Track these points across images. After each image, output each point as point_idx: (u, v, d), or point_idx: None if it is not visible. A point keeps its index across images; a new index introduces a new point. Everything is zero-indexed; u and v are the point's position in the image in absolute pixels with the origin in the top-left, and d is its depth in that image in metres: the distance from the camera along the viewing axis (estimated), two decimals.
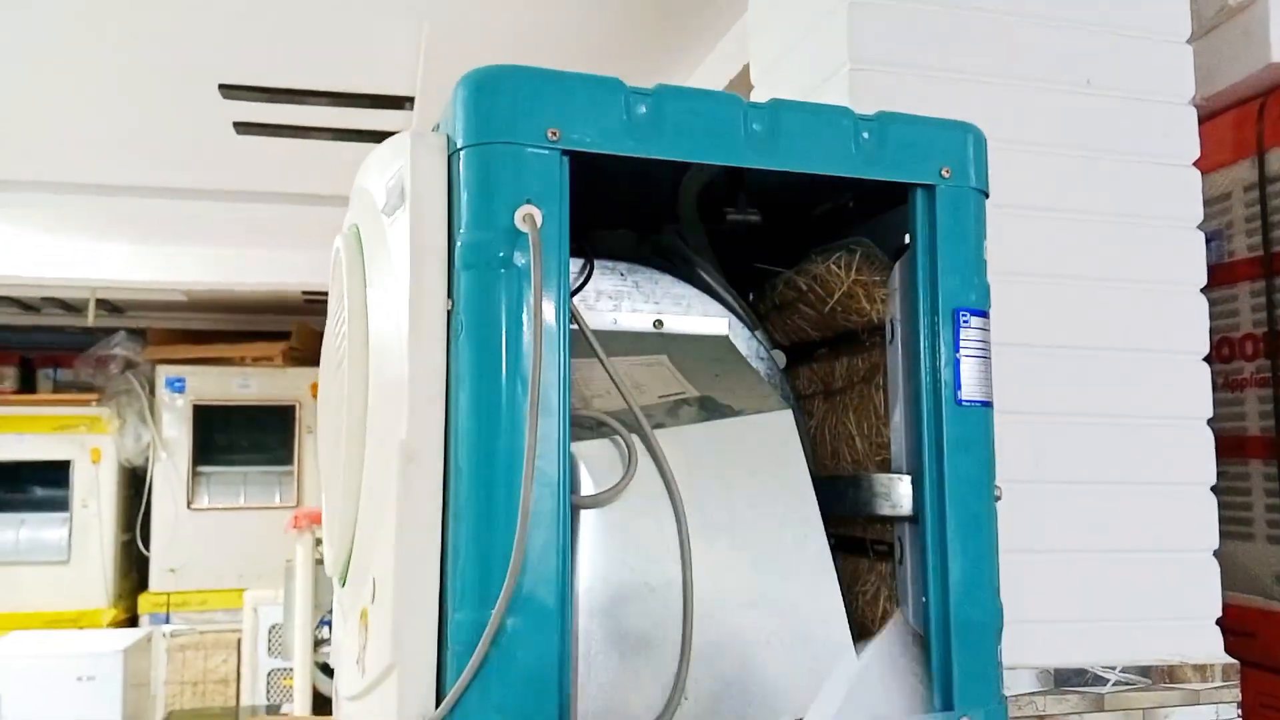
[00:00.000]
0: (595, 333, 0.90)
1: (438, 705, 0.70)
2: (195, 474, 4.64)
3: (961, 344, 0.82)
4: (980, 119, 0.90)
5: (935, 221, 0.84)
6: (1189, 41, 1.34)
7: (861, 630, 0.92)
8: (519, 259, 0.72)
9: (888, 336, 0.90)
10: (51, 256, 4.13)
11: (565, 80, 0.75)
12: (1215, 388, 1.43)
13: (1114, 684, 1.20)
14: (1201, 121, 1.37)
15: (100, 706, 3.48)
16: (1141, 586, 1.25)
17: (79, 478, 4.45)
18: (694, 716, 0.74)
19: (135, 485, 4.68)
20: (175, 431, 4.63)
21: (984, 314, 0.84)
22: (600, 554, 0.76)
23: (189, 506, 4.59)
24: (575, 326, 0.81)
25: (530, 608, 0.70)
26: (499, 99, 0.73)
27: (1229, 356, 1.46)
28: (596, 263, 0.93)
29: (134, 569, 4.66)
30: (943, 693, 0.80)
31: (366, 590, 0.78)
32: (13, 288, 4.47)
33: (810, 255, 0.98)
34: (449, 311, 0.74)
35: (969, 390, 0.82)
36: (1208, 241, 1.40)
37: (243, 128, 2.84)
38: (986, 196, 0.87)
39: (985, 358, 0.84)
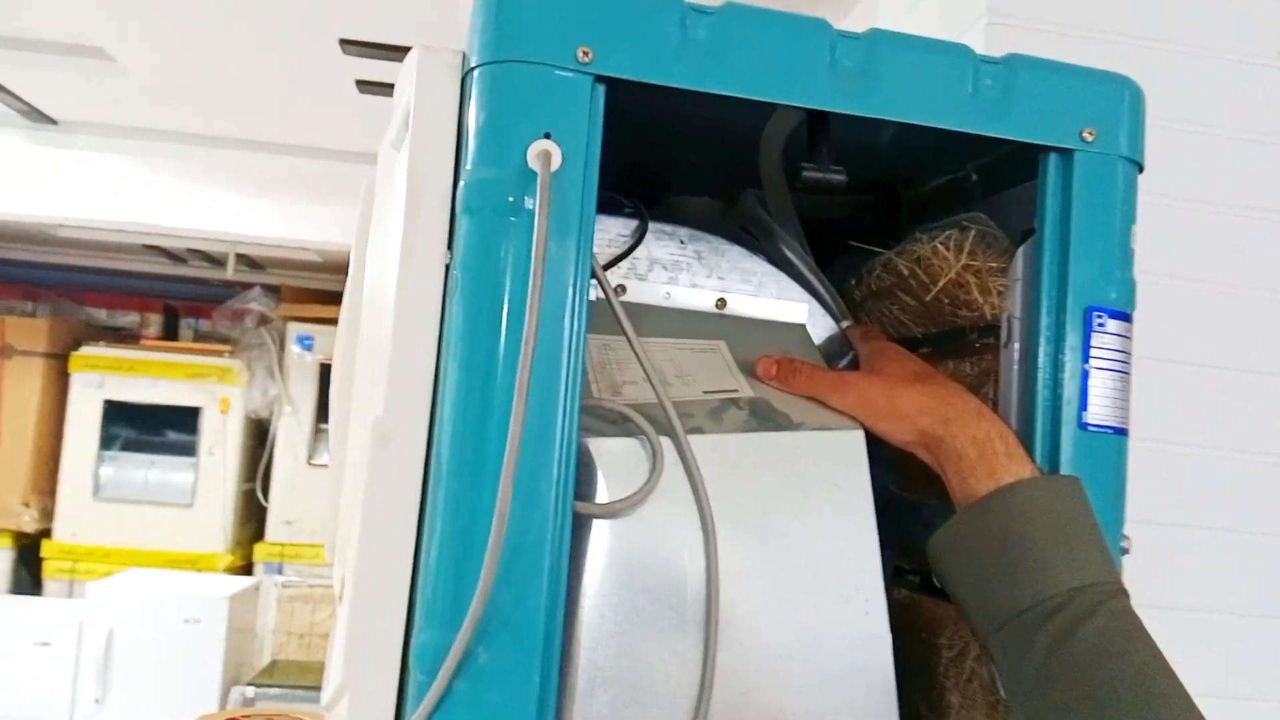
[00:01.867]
0: (642, 307, 0.76)
1: None
2: (318, 430, 4.71)
3: (1093, 352, 0.65)
4: (1152, 92, 0.71)
5: (1070, 196, 0.66)
6: None
7: (939, 691, 0.76)
8: (531, 205, 0.58)
9: (1003, 337, 0.73)
10: (196, 209, 4.24)
11: None
12: None
13: None
14: None
15: (204, 649, 3.55)
16: None
17: (207, 425, 4.58)
18: None
19: (259, 437, 4.80)
20: (301, 387, 4.72)
21: (1126, 317, 0.66)
22: (610, 577, 0.62)
23: (309, 462, 4.67)
24: (601, 295, 0.67)
25: (507, 636, 0.57)
26: (521, 8, 0.60)
27: None
28: (653, 226, 0.78)
29: (253, 518, 4.78)
30: None
31: (337, 581, 0.67)
32: (160, 237, 4.63)
33: (915, 234, 0.81)
34: (447, 266, 0.61)
35: (1098, 412, 0.64)
36: None
37: (365, 86, 2.81)
38: (1140, 169, 0.69)
39: (1123, 372, 0.66)
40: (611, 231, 0.77)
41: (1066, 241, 0.66)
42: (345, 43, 2.50)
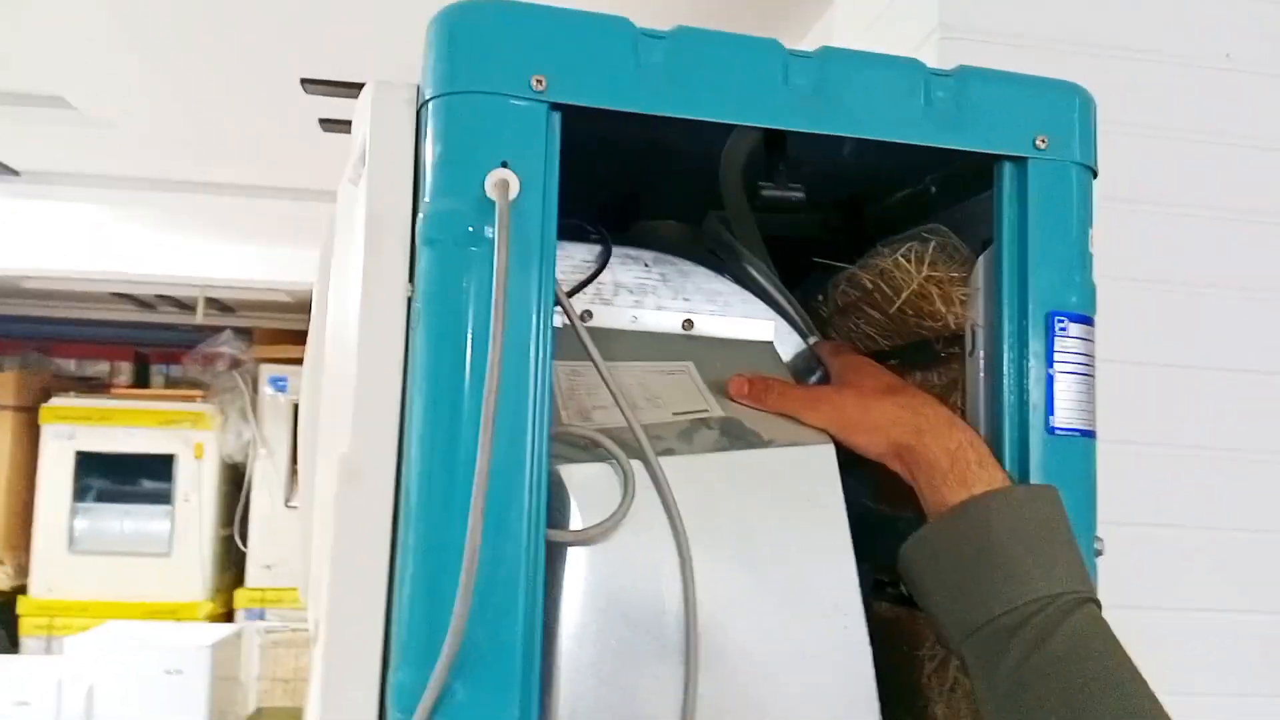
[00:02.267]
0: (609, 332, 0.76)
1: None
2: (294, 472, 4.66)
3: (1056, 357, 0.65)
4: (1104, 98, 0.72)
5: (1026, 203, 0.67)
6: None
7: (925, 703, 0.76)
8: (491, 233, 0.58)
9: (968, 346, 0.73)
10: (163, 254, 4.22)
11: (557, 18, 0.61)
12: None
13: None
14: None
15: (187, 700, 3.50)
16: None
17: (182, 472, 4.53)
18: None
19: (235, 481, 4.75)
20: (276, 429, 4.67)
21: (1087, 320, 0.67)
22: (586, 603, 0.61)
23: (287, 504, 4.62)
24: (567, 321, 0.67)
25: (484, 672, 0.56)
26: (474, 39, 0.60)
27: None
28: (617, 250, 0.78)
29: (232, 564, 4.72)
30: None
31: (311, 623, 0.66)
32: (128, 284, 4.60)
33: (877, 248, 0.82)
34: (409, 299, 0.61)
35: (1064, 415, 0.65)
36: None
37: (328, 124, 2.80)
38: (1094, 174, 0.70)
39: (1088, 375, 0.66)
40: (576, 258, 0.77)
41: (1025, 248, 0.67)
42: (306, 82, 2.50)
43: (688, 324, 0.79)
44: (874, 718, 0.64)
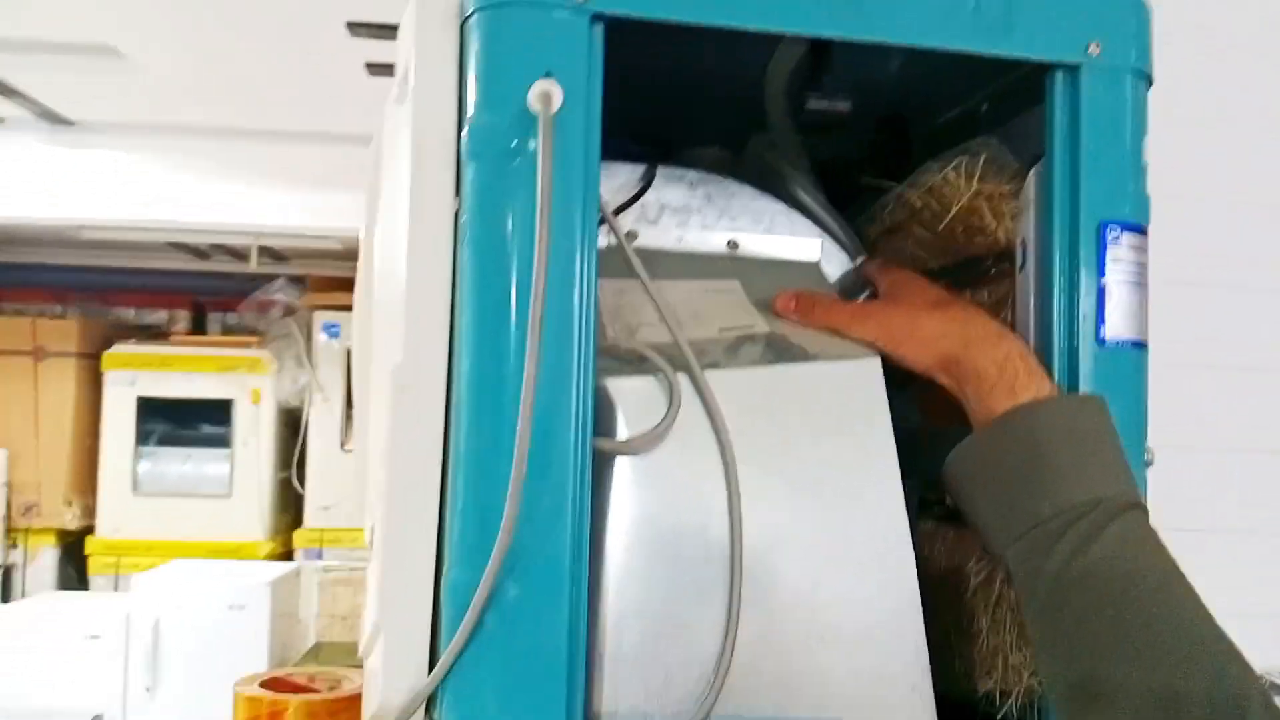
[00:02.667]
0: (654, 252, 0.76)
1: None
2: (349, 416, 4.75)
3: (1108, 267, 0.64)
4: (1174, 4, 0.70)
5: (1079, 112, 0.66)
6: None
7: (970, 618, 0.76)
8: (534, 147, 0.59)
9: (1018, 261, 0.72)
10: (216, 203, 4.27)
11: None
12: None
13: None
14: None
15: (250, 634, 3.61)
16: None
17: (240, 417, 4.64)
18: (734, 708, 0.61)
19: (292, 426, 4.85)
20: (330, 375, 4.76)
21: (1140, 230, 0.66)
22: (634, 513, 0.63)
23: (342, 447, 4.72)
24: (613, 241, 0.67)
25: (533, 571, 0.57)
26: None
27: None
28: (661, 169, 0.78)
29: (290, 505, 4.85)
30: None
31: (367, 533, 0.68)
32: (182, 234, 4.67)
33: (926, 165, 0.81)
34: (456, 214, 0.62)
35: (1116, 326, 0.64)
36: None
37: (375, 69, 2.81)
38: (1150, 83, 0.68)
39: (1140, 285, 0.65)
40: (620, 178, 0.77)
41: (1076, 159, 0.66)
42: (352, 25, 2.50)
43: (733, 244, 0.79)
44: (917, 624, 0.65)
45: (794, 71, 0.75)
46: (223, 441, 4.62)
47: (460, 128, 0.62)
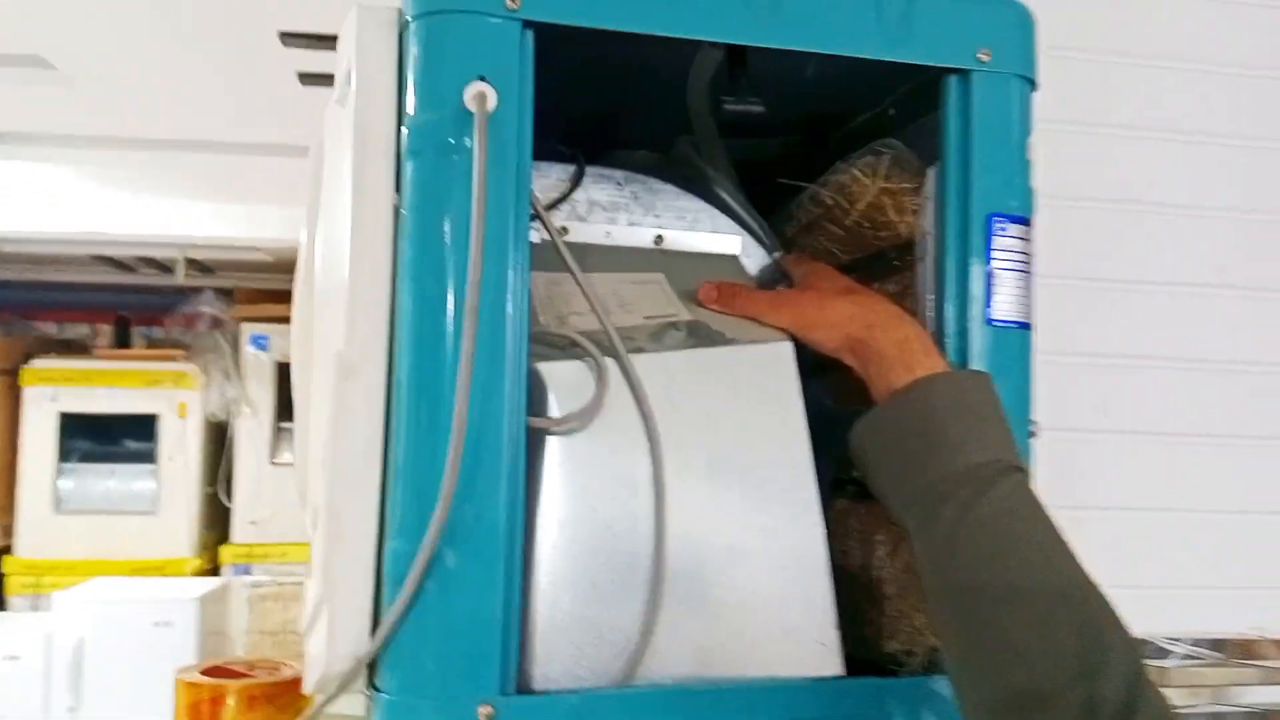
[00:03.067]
0: (584, 246, 0.80)
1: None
2: (278, 429, 4.70)
3: (994, 255, 0.71)
4: (1069, 19, 0.77)
5: (970, 113, 0.72)
6: None
7: (878, 583, 0.82)
8: (470, 144, 0.63)
9: (919, 252, 0.78)
10: (142, 215, 4.21)
11: None
12: None
13: (1181, 657, 1.07)
14: None
15: (177, 652, 3.54)
16: (1219, 551, 1.11)
17: (166, 431, 4.56)
18: (656, 668, 0.65)
19: (219, 440, 4.78)
20: (259, 388, 4.71)
21: (1024, 221, 0.72)
22: (565, 489, 0.67)
23: (271, 461, 4.66)
24: (545, 236, 0.72)
25: (472, 541, 0.61)
26: None
27: None
28: (591, 170, 0.83)
29: (218, 521, 4.77)
30: None
31: (310, 518, 0.71)
32: (107, 246, 4.59)
33: (837, 165, 0.87)
34: (396, 208, 0.65)
35: (1002, 308, 0.70)
36: None
37: (307, 79, 2.81)
38: (1034, 87, 0.75)
39: (1024, 272, 0.72)
40: (552, 177, 0.81)
41: (968, 156, 0.72)
42: (285, 35, 2.51)
43: (658, 239, 0.84)
44: (826, 588, 0.70)
45: (714, 76, 0.81)
46: (148, 457, 4.53)
47: (400, 126, 0.65)
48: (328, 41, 2.55)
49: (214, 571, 4.55)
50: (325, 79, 2.80)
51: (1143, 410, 1.09)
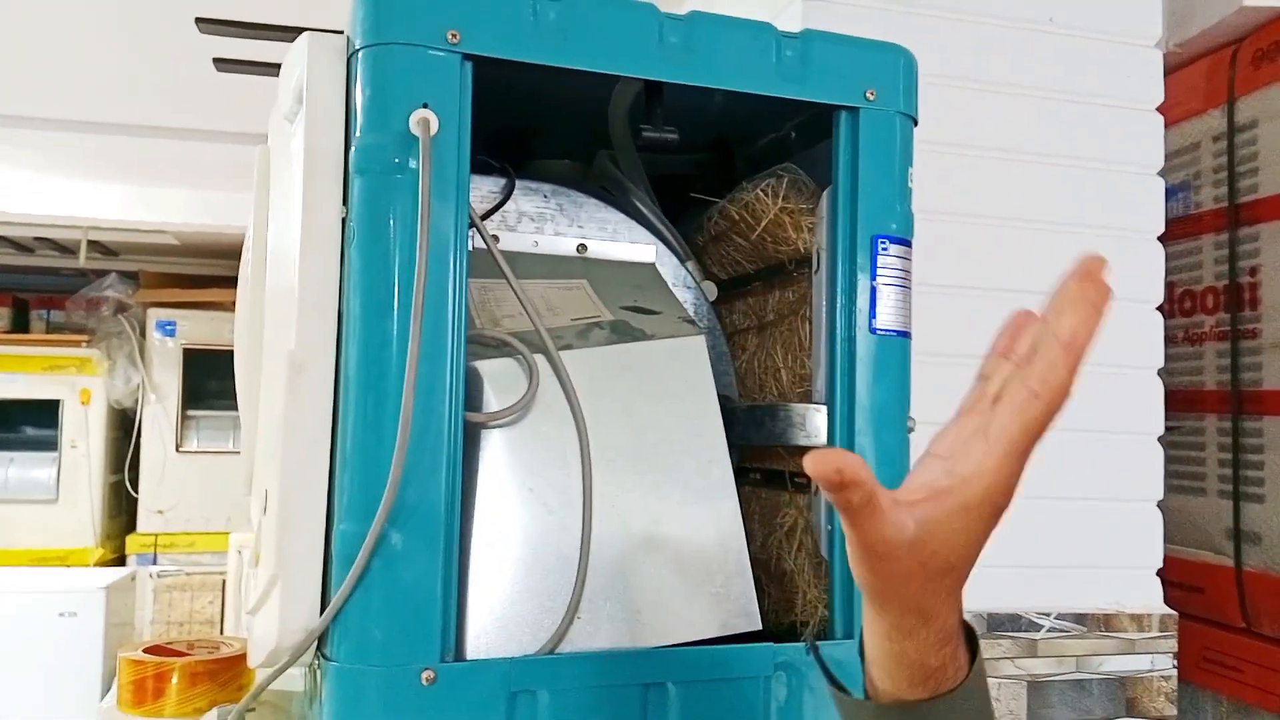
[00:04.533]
0: (513, 254, 0.88)
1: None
2: (185, 417, 4.63)
3: (879, 271, 0.80)
4: (936, 53, 0.87)
5: (858, 145, 0.82)
6: None
7: (777, 561, 0.91)
8: (414, 165, 0.70)
9: (813, 266, 0.88)
10: (43, 195, 4.10)
11: None
12: (1176, 341, 1.41)
13: (1048, 630, 1.19)
14: (1175, 69, 1.34)
15: (82, 643, 3.50)
16: (1082, 534, 1.23)
17: (68, 418, 4.46)
18: (584, 636, 0.73)
19: (124, 427, 4.69)
20: (165, 374, 4.62)
21: (905, 242, 0.82)
22: (499, 475, 0.74)
23: (178, 449, 4.59)
24: (483, 245, 0.79)
25: (415, 522, 0.68)
26: None
27: (1191, 310, 1.43)
28: (520, 183, 0.90)
29: (122, 510, 4.68)
30: (845, 620, 0.79)
31: (260, 502, 0.77)
32: (5, 225, 4.45)
33: (742, 185, 0.96)
34: (344, 220, 0.72)
35: (884, 319, 0.80)
36: (1175, 193, 1.37)
37: (223, 64, 2.80)
38: (915, 123, 0.85)
39: (904, 287, 0.82)
40: (484, 189, 0.89)
41: (856, 183, 0.81)
42: (201, 21, 2.50)
43: (582, 248, 0.92)
44: (743, 553, 0.79)
45: (633, 104, 0.89)
46: (49, 444, 4.43)
47: (347, 146, 0.72)
48: (244, 28, 2.55)
49: (120, 561, 4.47)
50: (241, 64, 2.79)
51: None
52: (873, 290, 0.80)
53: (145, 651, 0.93)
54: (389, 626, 0.68)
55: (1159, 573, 1.26)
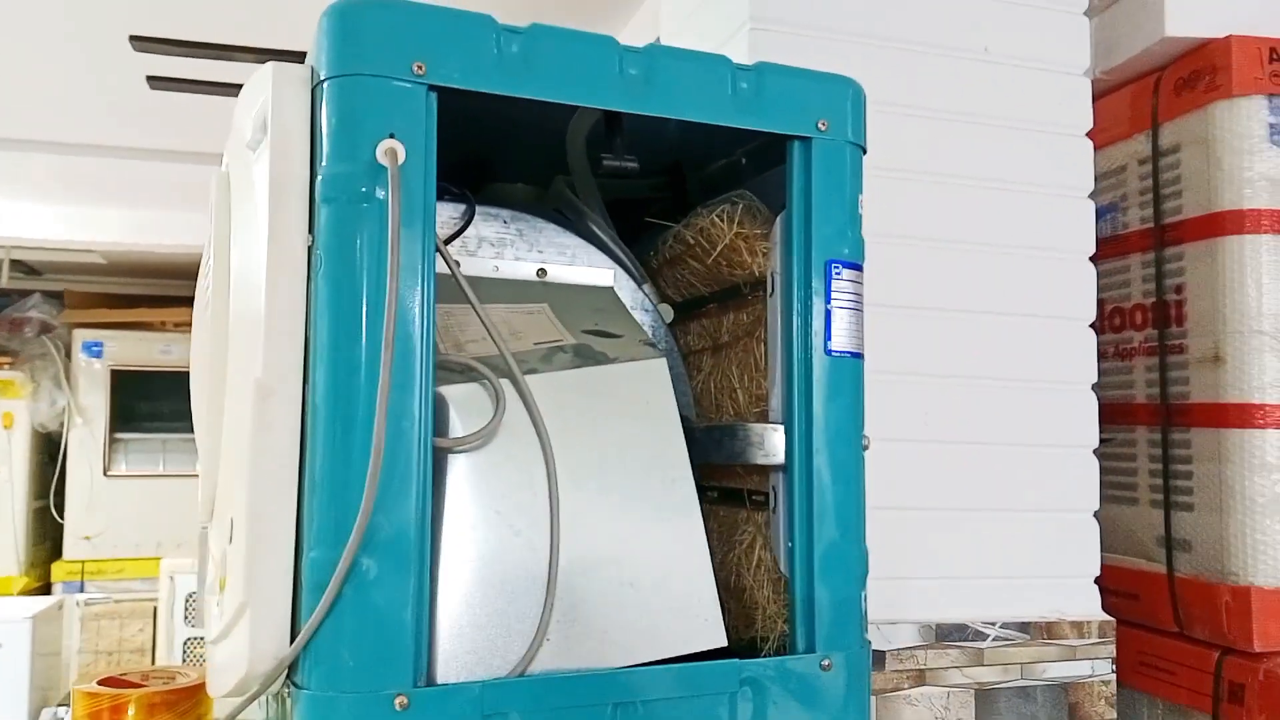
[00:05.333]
0: (475, 279, 0.89)
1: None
2: (113, 440, 4.52)
3: (833, 295, 0.83)
4: (877, 82, 0.90)
5: (811, 174, 0.84)
6: (1089, 15, 1.36)
7: (736, 578, 0.93)
8: (380, 194, 0.70)
9: (768, 289, 0.90)
10: None
11: (433, 14, 0.73)
12: (1107, 356, 1.46)
13: (993, 639, 1.23)
14: (1102, 95, 1.40)
15: (7, 675, 3.39)
16: (1023, 545, 1.28)
17: None
18: (554, 658, 0.74)
19: (50, 451, 4.56)
20: (92, 397, 4.51)
21: (857, 267, 0.85)
22: (467, 499, 0.75)
23: (106, 473, 4.48)
24: (446, 271, 0.80)
25: (386, 549, 0.69)
26: (364, 30, 0.72)
27: (1120, 326, 1.49)
28: (479, 209, 0.91)
29: (47, 536, 4.54)
30: (806, 636, 0.81)
31: (224, 531, 0.77)
32: None
33: (697, 210, 0.98)
34: (309, 248, 0.72)
35: (839, 341, 0.83)
36: (1104, 213, 1.43)
37: (156, 82, 2.76)
38: (864, 152, 0.88)
39: (857, 310, 0.84)
40: (444, 215, 0.89)
41: (809, 209, 0.84)
42: (136, 39, 2.47)
43: (541, 272, 0.93)
44: (706, 569, 0.81)
45: (591, 132, 0.90)
46: None
47: (312, 175, 0.72)
48: (179, 46, 2.52)
49: (45, 590, 4.34)
50: (175, 83, 2.75)
51: (958, 421, 1.24)
52: (827, 313, 0.83)
53: (100, 683, 0.92)
54: (361, 653, 0.68)
55: (1097, 580, 1.30)
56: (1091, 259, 1.34)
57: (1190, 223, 1.37)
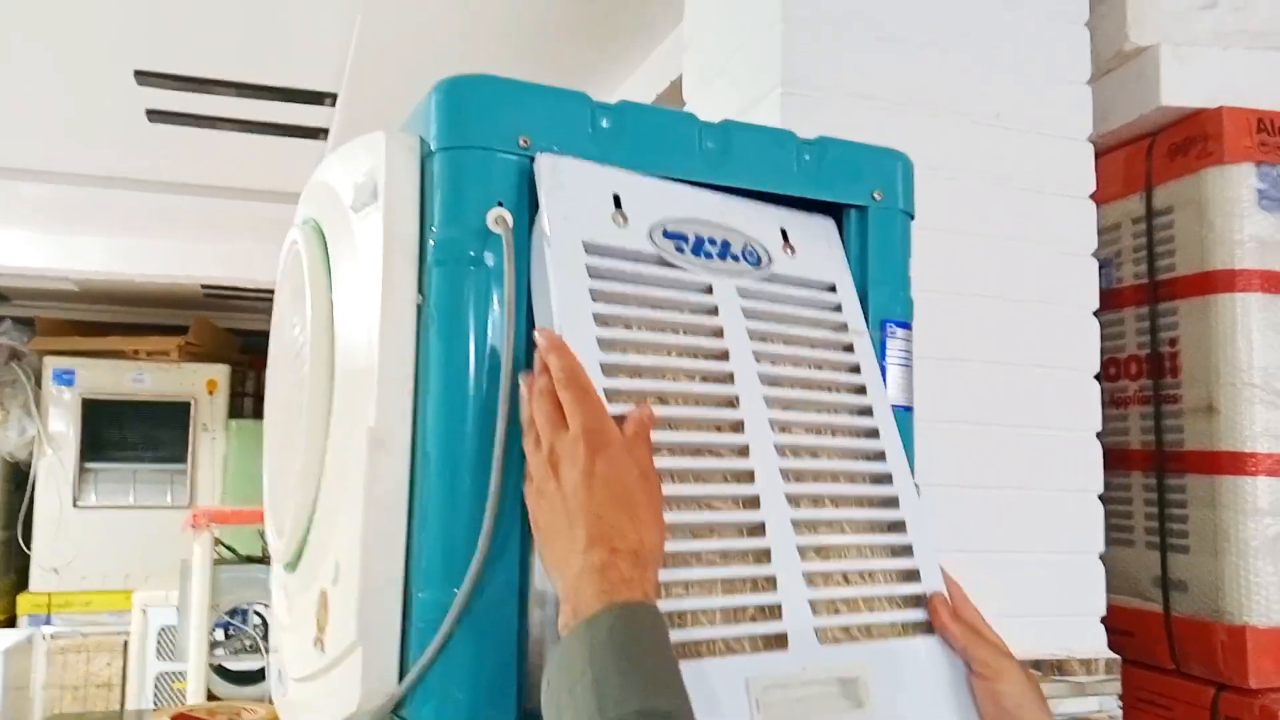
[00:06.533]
0: None
1: (400, 681, 0.73)
2: (83, 470, 4.47)
3: (888, 353, 0.90)
4: (898, 143, 0.97)
5: (867, 239, 0.91)
6: (1088, 83, 1.46)
7: None
8: (488, 258, 0.76)
9: None
10: None
11: (536, 92, 0.79)
12: (1103, 404, 1.54)
13: None
14: (1097, 156, 1.49)
15: None
16: (1034, 586, 1.35)
17: None
18: None
19: (17, 480, 4.50)
20: (62, 425, 4.46)
21: (908, 326, 0.92)
22: None
23: (75, 504, 4.43)
24: None
25: (493, 588, 0.74)
26: (474, 106, 0.77)
27: (1116, 376, 1.58)
28: None
29: (13, 568, 4.48)
30: None
31: (326, 572, 0.81)
32: None
33: None
34: (419, 306, 0.77)
35: (893, 395, 0.89)
36: (1099, 267, 1.52)
37: (156, 115, 2.79)
38: (912, 219, 0.95)
39: (908, 366, 0.91)
40: None
41: (866, 273, 0.90)
42: (140, 74, 2.50)
43: None
44: None
45: None
46: None
47: (421, 238, 0.78)
48: (181, 81, 2.55)
49: (10, 623, 4.27)
50: (173, 117, 2.79)
51: (971, 466, 1.32)
52: (883, 369, 0.89)
53: None
54: (471, 688, 0.73)
55: (1102, 619, 1.38)
56: (1095, 313, 1.42)
57: (1183, 280, 1.47)
